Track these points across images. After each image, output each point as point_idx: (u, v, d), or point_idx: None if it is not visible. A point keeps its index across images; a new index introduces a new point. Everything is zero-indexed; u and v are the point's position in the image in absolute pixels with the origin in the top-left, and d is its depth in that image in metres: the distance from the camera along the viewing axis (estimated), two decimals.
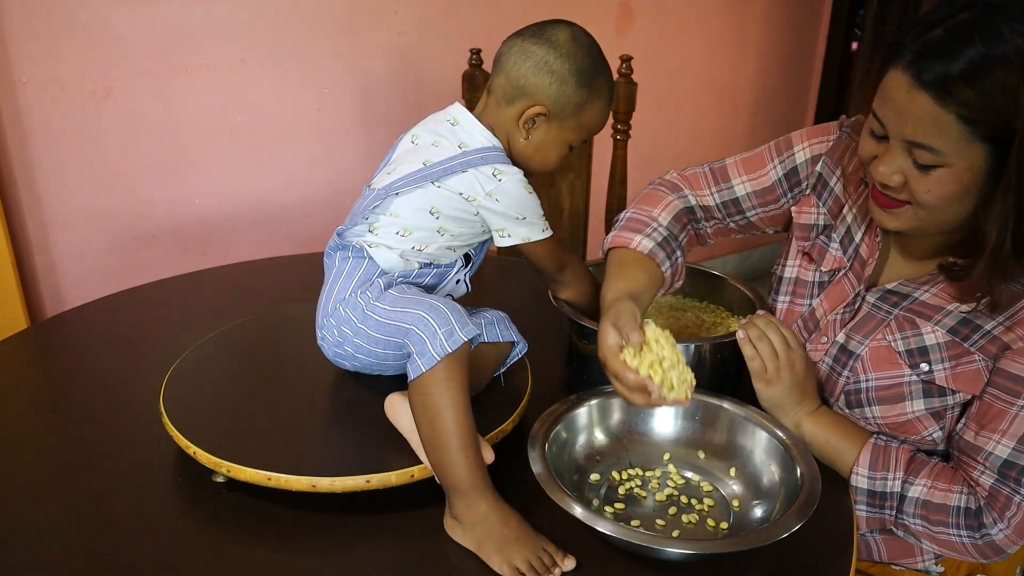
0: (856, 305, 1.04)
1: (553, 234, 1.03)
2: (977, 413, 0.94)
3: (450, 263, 1.03)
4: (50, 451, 1.00)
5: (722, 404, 1.01)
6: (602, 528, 0.80)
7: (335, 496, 0.88)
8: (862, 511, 0.97)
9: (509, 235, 1.00)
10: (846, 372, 1.03)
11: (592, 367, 1.09)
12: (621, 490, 0.95)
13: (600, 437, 1.01)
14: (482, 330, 1.00)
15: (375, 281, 0.98)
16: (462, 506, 0.84)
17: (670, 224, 1.12)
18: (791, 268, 1.13)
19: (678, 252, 1.12)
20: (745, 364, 1.00)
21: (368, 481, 0.87)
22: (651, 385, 0.88)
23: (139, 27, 1.68)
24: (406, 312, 0.92)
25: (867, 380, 1.00)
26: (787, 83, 2.93)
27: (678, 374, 0.89)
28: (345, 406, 1.00)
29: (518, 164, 1.02)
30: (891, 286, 1.01)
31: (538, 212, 1.01)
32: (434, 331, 0.87)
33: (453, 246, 1.02)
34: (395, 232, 0.99)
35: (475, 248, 1.06)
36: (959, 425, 0.96)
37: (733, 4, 2.63)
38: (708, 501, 0.94)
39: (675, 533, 0.89)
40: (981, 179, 0.85)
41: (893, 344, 0.99)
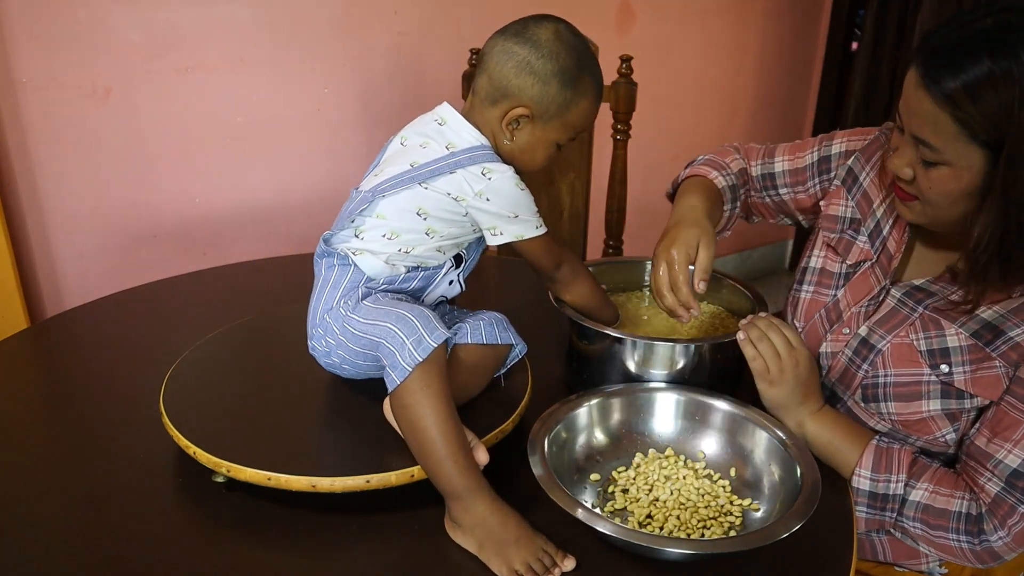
0: (881, 298, 1.05)
1: (548, 231, 1.01)
2: (992, 420, 0.94)
3: (438, 265, 1.01)
4: (50, 451, 1.00)
5: (722, 404, 1.01)
6: (602, 528, 0.80)
7: (335, 496, 0.87)
8: (862, 512, 0.97)
9: (501, 233, 0.98)
10: (865, 366, 1.03)
11: (592, 367, 1.09)
12: (621, 490, 0.95)
13: (600, 437, 1.01)
14: (471, 334, 1.00)
15: (358, 290, 0.97)
16: (459, 510, 0.84)
17: (737, 175, 1.23)
18: (817, 258, 1.15)
19: (738, 201, 1.23)
20: (745, 364, 1.00)
21: (368, 481, 0.87)
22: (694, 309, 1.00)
23: (139, 27, 1.68)
24: (375, 325, 0.90)
25: (886, 376, 1.01)
26: (787, 83, 2.93)
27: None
28: (345, 406, 1.00)
29: (506, 163, 1.00)
30: (918, 283, 1.02)
31: (531, 209, 0.99)
32: (402, 342, 0.86)
33: (442, 247, 1.00)
34: (381, 235, 0.97)
35: (466, 247, 1.05)
36: (972, 430, 0.96)
37: (733, 4, 2.63)
38: (708, 501, 0.93)
39: (675, 533, 0.89)
40: (980, 182, 0.87)
41: (915, 343, 0.99)
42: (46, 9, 1.59)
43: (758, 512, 0.92)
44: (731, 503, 0.93)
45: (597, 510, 0.90)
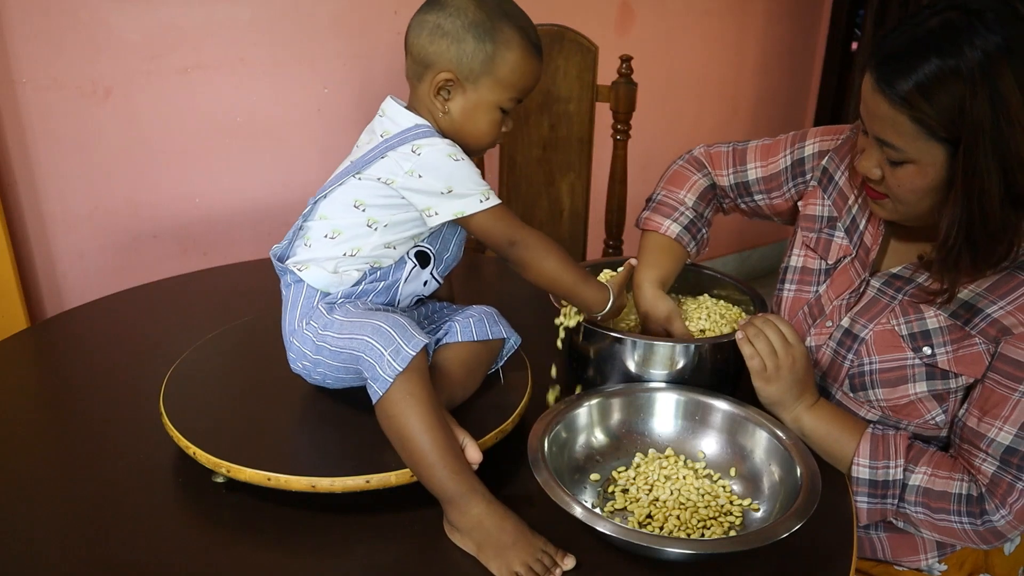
0: (861, 290, 1.06)
1: (498, 205, 0.94)
2: (979, 399, 0.95)
3: (394, 264, 0.98)
4: (50, 451, 1.00)
5: (722, 404, 1.01)
6: (602, 528, 0.80)
7: (335, 496, 0.87)
8: (863, 503, 0.97)
9: (437, 213, 0.93)
10: (850, 356, 1.05)
11: (592, 367, 1.09)
12: (621, 490, 0.95)
13: (600, 437, 1.01)
14: (461, 332, 0.99)
15: (317, 308, 0.95)
16: (455, 514, 0.84)
17: (695, 204, 1.23)
18: (797, 257, 1.16)
19: (703, 230, 1.24)
20: (745, 364, 1.00)
21: (368, 481, 0.87)
22: None
23: (139, 27, 1.68)
24: (352, 338, 0.89)
25: (871, 363, 1.02)
26: (787, 83, 2.93)
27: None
28: (345, 406, 1.00)
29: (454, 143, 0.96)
30: (895, 270, 1.04)
31: (471, 182, 0.93)
32: (380, 353, 0.85)
33: (391, 243, 0.96)
34: (324, 235, 0.96)
35: (430, 241, 1.00)
36: (961, 411, 0.97)
37: (733, 4, 2.63)
38: (708, 501, 0.93)
39: (675, 533, 0.89)
40: (944, 176, 0.89)
41: (897, 328, 1.01)
42: (46, 9, 1.59)
43: (758, 512, 0.92)
44: (731, 503, 0.93)
45: (597, 510, 0.90)
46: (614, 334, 1.04)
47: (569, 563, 0.82)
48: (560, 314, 1.06)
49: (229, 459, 0.88)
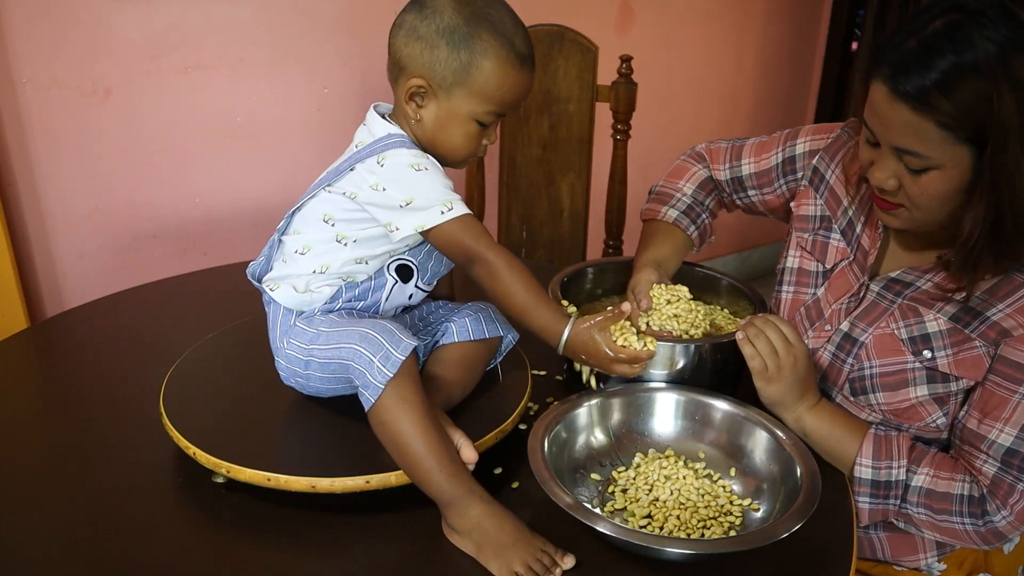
0: (861, 295, 1.06)
1: (463, 215, 0.87)
2: (979, 401, 0.95)
3: (376, 281, 0.95)
4: (50, 451, 1.00)
5: (722, 404, 1.01)
6: (602, 528, 0.80)
7: (335, 496, 0.87)
8: (865, 503, 0.97)
9: (398, 228, 0.87)
10: (850, 360, 1.04)
11: (592, 367, 1.08)
12: (621, 490, 0.95)
13: (600, 437, 1.01)
14: (457, 332, 0.98)
15: (295, 326, 0.94)
16: (454, 516, 0.84)
17: (695, 192, 1.25)
18: (793, 259, 1.16)
19: (704, 215, 1.24)
20: (745, 364, 1.00)
21: (368, 481, 0.87)
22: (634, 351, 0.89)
23: (139, 27, 1.68)
24: (340, 348, 0.87)
25: (871, 367, 1.02)
26: (787, 83, 2.93)
27: (688, 322, 1.06)
28: (345, 407, 1.00)
29: (430, 153, 0.92)
30: (894, 274, 1.03)
31: (433, 193, 0.86)
32: (369, 360, 0.84)
33: (362, 258, 0.93)
34: (294, 251, 0.94)
35: (411, 252, 0.96)
36: (961, 413, 0.97)
37: (733, 4, 2.63)
38: (708, 501, 0.93)
39: (675, 533, 0.89)
40: (970, 177, 0.88)
41: (896, 332, 1.00)
42: (46, 9, 1.59)
43: (758, 512, 0.92)
44: (731, 503, 0.93)
45: (597, 510, 0.90)
46: None
47: (569, 563, 0.82)
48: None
49: (229, 459, 0.88)
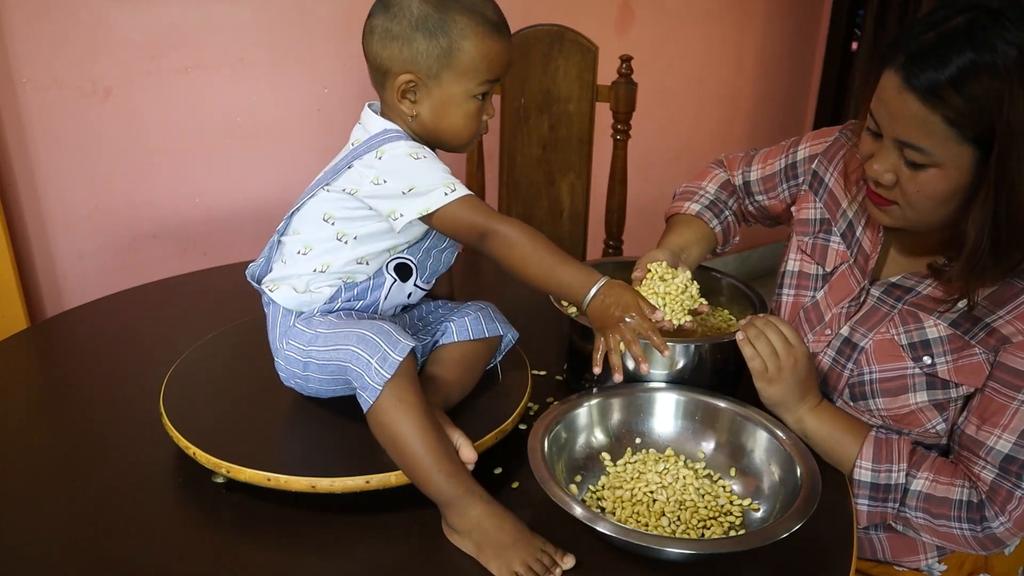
0: (861, 299, 1.05)
1: (466, 195, 0.87)
2: (978, 407, 0.95)
3: (369, 279, 0.96)
4: (50, 451, 1.00)
5: (722, 404, 1.01)
6: (602, 528, 0.80)
7: (335, 496, 0.87)
8: (864, 506, 0.97)
9: (402, 215, 0.88)
10: (850, 364, 1.04)
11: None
12: (621, 490, 0.95)
13: (600, 437, 1.01)
14: (457, 332, 0.98)
15: (294, 327, 0.94)
16: (453, 516, 0.84)
17: (717, 191, 1.26)
18: (793, 262, 1.16)
19: (727, 212, 1.25)
20: (745, 364, 1.00)
21: (368, 482, 0.87)
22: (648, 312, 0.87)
23: (139, 27, 1.68)
24: (338, 349, 0.88)
25: (871, 372, 1.02)
26: (787, 83, 2.93)
27: (678, 304, 0.99)
28: (345, 407, 1.00)
29: (433, 144, 0.94)
30: (895, 279, 1.03)
31: (433, 178, 0.88)
32: (367, 362, 0.84)
33: (363, 257, 0.94)
34: (296, 251, 0.94)
35: (409, 250, 0.97)
36: (960, 419, 0.97)
37: (733, 4, 2.63)
38: (708, 501, 0.93)
39: (675, 533, 0.89)
40: (969, 181, 0.87)
41: (896, 338, 1.00)
42: (46, 9, 1.59)
43: (758, 512, 0.92)
44: (731, 503, 0.93)
45: (597, 510, 0.90)
46: None
47: (569, 562, 0.82)
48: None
49: (229, 459, 0.88)
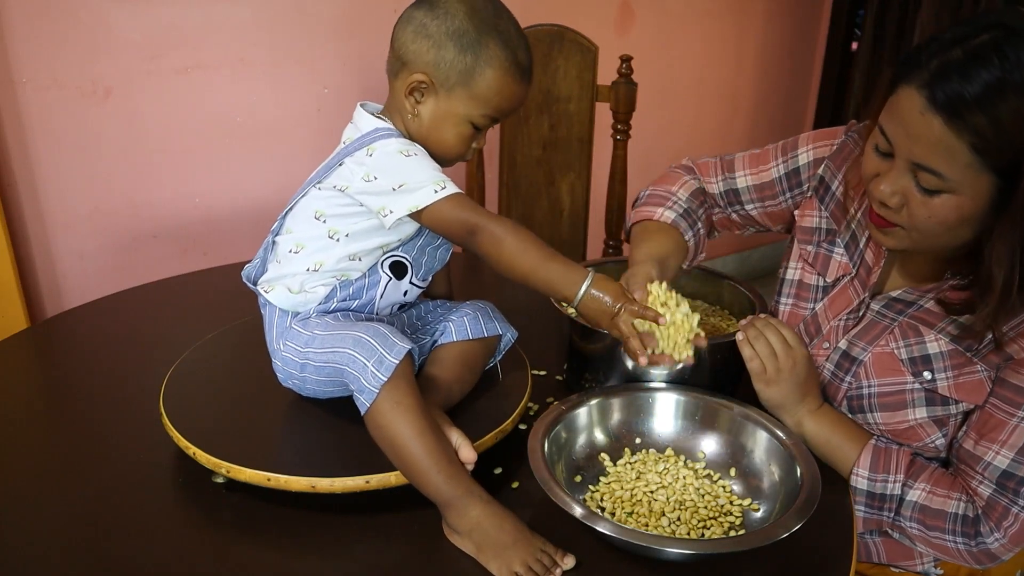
0: (860, 312, 1.04)
1: (456, 193, 0.87)
2: (978, 422, 0.94)
3: (370, 279, 0.95)
4: (50, 451, 1.00)
5: (722, 404, 1.01)
6: (602, 528, 0.80)
7: (335, 496, 0.87)
8: (860, 511, 0.97)
9: (391, 211, 0.87)
10: (848, 378, 1.03)
11: (592, 367, 1.09)
12: (621, 490, 0.95)
13: (600, 437, 1.01)
14: (456, 332, 0.98)
15: (291, 328, 0.94)
16: (453, 517, 0.84)
17: (688, 199, 1.17)
18: (794, 271, 1.14)
19: (699, 224, 1.16)
20: (745, 365, 1.00)
21: (368, 482, 0.87)
22: (649, 341, 0.85)
23: (139, 27, 1.68)
24: (334, 352, 0.87)
25: (870, 386, 1.00)
26: (787, 83, 2.94)
27: (680, 335, 0.87)
28: (344, 407, 1.00)
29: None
30: (895, 293, 1.01)
31: (423, 175, 0.87)
32: (363, 365, 0.84)
33: (355, 254, 0.94)
34: (288, 250, 0.94)
35: (404, 248, 0.97)
36: (960, 433, 0.96)
37: (733, 4, 2.63)
38: (708, 501, 0.93)
39: (675, 533, 0.89)
40: (983, 210, 0.84)
41: (896, 352, 0.99)
42: (46, 9, 1.59)
43: (758, 512, 0.92)
44: (731, 503, 0.93)
45: (597, 510, 0.90)
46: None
47: (569, 562, 0.82)
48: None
49: (229, 459, 0.88)
